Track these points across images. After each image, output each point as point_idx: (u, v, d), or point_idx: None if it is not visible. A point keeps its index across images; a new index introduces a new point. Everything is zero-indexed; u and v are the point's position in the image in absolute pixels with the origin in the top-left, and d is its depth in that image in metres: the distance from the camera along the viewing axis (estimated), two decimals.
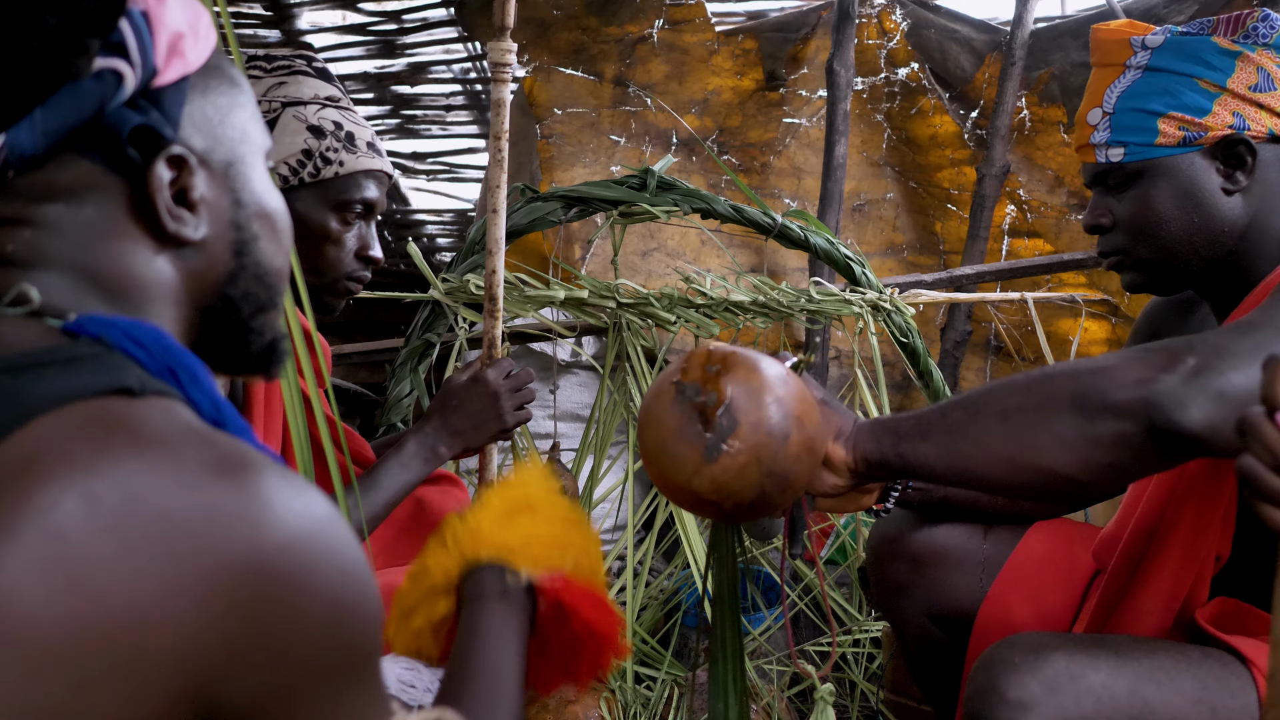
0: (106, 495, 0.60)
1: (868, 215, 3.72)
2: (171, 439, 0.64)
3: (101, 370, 0.67)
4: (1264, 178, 1.35)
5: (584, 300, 2.20)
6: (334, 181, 1.48)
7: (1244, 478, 0.83)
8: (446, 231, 5.69)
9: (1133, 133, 1.37)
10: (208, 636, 0.61)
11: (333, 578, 0.65)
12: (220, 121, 0.81)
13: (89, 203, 0.75)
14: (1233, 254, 1.36)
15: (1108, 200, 1.42)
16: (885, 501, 1.56)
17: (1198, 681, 1.15)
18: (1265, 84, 1.34)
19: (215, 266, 0.81)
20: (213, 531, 0.61)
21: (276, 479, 0.65)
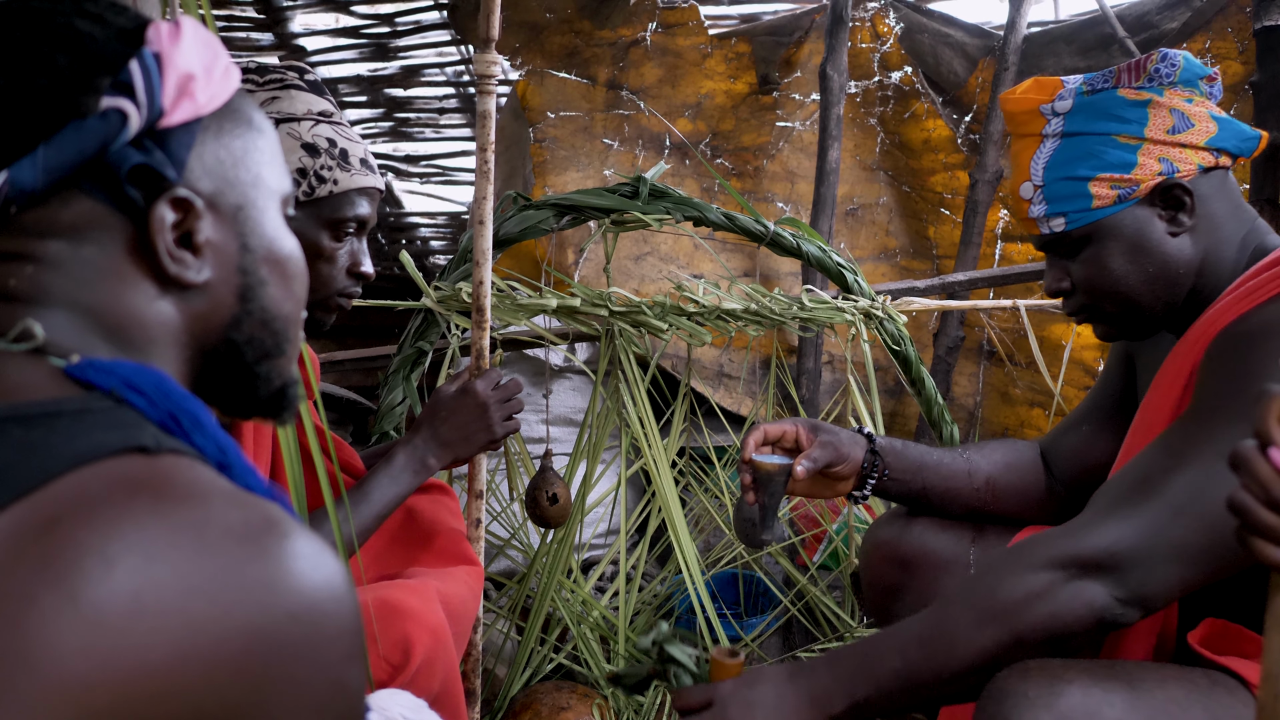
0: (126, 559, 0.60)
1: (861, 219, 3.72)
2: (195, 501, 0.64)
3: (115, 427, 0.67)
4: (1206, 211, 1.36)
5: (576, 308, 2.20)
6: (328, 200, 1.47)
7: (1236, 512, 0.83)
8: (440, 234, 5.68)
9: (1067, 201, 1.37)
10: (209, 701, 0.60)
11: (335, 656, 0.65)
12: (233, 165, 0.81)
13: (91, 241, 0.75)
14: (1194, 290, 1.38)
15: (1063, 264, 1.43)
16: (861, 489, 1.59)
17: (1209, 714, 1.13)
18: (1182, 124, 1.35)
19: (219, 310, 0.81)
20: (230, 598, 0.61)
21: (298, 545, 0.65)
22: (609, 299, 2.22)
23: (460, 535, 1.73)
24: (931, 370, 3.51)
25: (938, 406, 2.51)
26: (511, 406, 1.70)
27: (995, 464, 1.65)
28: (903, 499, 1.67)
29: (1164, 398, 1.35)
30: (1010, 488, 1.64)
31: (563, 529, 2.37)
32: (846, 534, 2.71)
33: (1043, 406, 3.48)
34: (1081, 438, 1.61)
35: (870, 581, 1.70)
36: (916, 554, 1.64)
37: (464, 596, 1.60)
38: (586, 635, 2.43)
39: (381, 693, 1.08)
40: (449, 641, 1.46)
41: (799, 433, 1.59)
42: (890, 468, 1.62)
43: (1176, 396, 1.33)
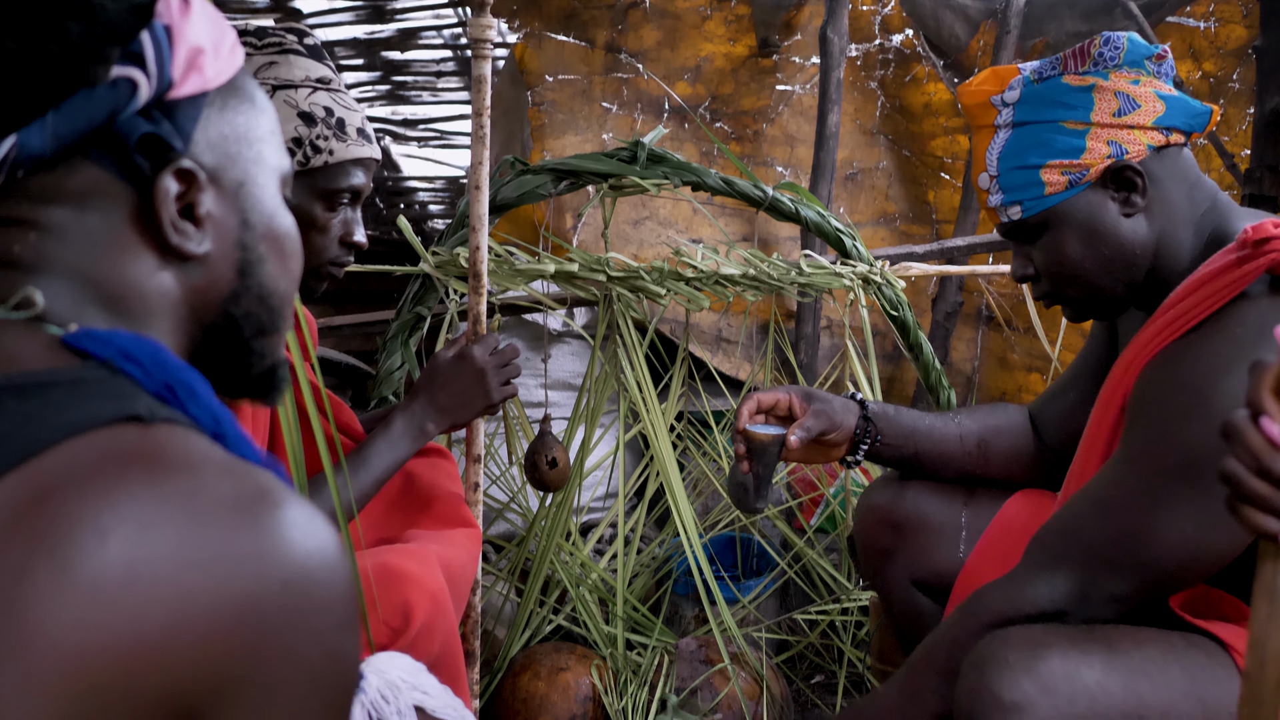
0: (120, 530, 0.60)
1: (860, 184, 3.71)
2: (188, 471, 0.64)
3: (109, 397, 0.67)
4: (1159, 191, 1.37)
5: (574, 274, 2.20)
6: (323, 170, 1.47)
7: (1227, 481, 0.84)
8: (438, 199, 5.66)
9: (1021, 190, 1.39)
10: (203, 671, 0.61)
11: (329, 624, 0.66)
12: (236, 141, 0.82)
13: (95, 209, 0.75)
14: (1153, 269, 1.39)
15: (1026, 250, 1.45)
16: (854, 454, 1.62)
17: (1186, 674, 1.16)
18: (1127, 105, 1.35)
19: (217, 284, 0.81)
20: (222, 567, 0.62)
21: (291, 514, 0.65)
22: (607, 264, 2.22)
23: (458, 499, 1.74)
24: (930, 335, 3.51)
25: (935, 372, 2.52)
26: (509, 372, 1.70)
27: (986, 428, 1.67)
28: (895, 464, 1.69)
29: (1101, 418, 1.40)
30: (1001, 452, 1.66)
31: (561, 493, 2.38)
32: (843, 497, 2.72)
33: (1040, 372, 3.49)
34: (1068, 403, 1.63)
35: (864, 545, 1.73)
36: (909, 518, 1.67)
37: (462, 560, 1.62)
38: (585, 597, 2.45)
39: (380, 655, 1.09)
40: (448, 605, 1.47)
41: (792, 401, 1.61)
42: (883, 434, 1.64)
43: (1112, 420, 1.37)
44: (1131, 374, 1.32)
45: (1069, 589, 1.25)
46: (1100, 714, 1.12)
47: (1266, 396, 0.81)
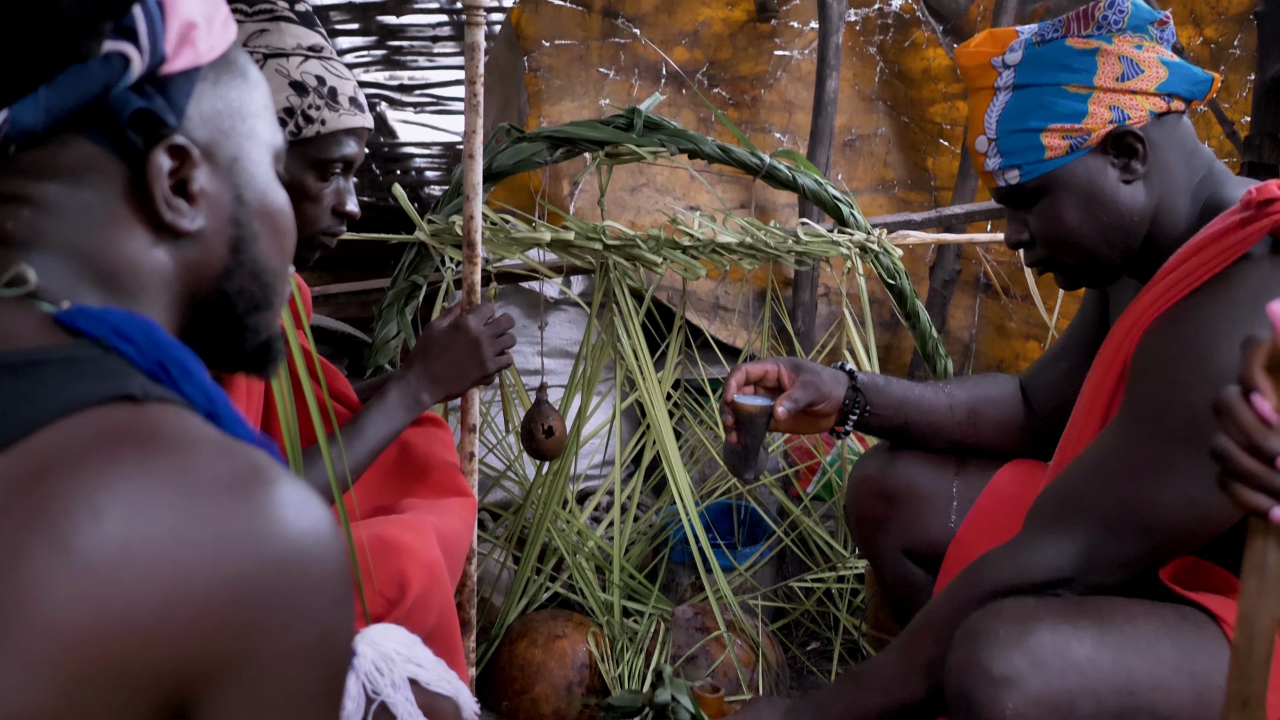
0: (114, 508, 0.60)
1: (859, 151, 3.69)
2: (181, 450, 0.65)
3: (102, 376, 0.67)
4: (1159, 159, 1.36)
5: (570, 242, 2.20)
6: (315, 141, 1.46)
7: (1218, 458, 0.84)
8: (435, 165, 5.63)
9: (1021, 154, 1.37)
10: (198, 649, 0.62)
11: (323, 602, 0.66)
12: (229, 116, 0.81)
13: (88, 185, 0.75)
14: (1148, 236, 1.38)
15: (1021, 216, 1.44)
16: (843, 425, 1.63)
17: (1177, 648, 1.17)
18: (1131, 70, 1.34)
19: (211, 260, 0.81)
20: (217, 546, 0.62)
21: (284, 492, 0.65)
22: (603, 232, 2.21)
23: (454, 468, 1.75)
24: (927, 303, 3.51)
25: (932, 341, 2.51)
26: (504, 341, 1.70)
27: (976, 398, 1.67)
28: (885, 434, 1.69)
29: (1100, 381, 1.38)
30: (991, 421, 1.67)
31: (558, 461, 2.38)
32: (840, 465, 2.73)
33: (1038, 339, 3.49)
34: (1059, 373, 1.63)
35: (856, 516, 1.73)
36: (900, 488, 1.67)
37: (458, 529, 1.62)
38: (582, 565, 2.46)
39: (375, 628, 1.09)
40: (444, 576, 1.47)
41: (781, 372, 1.60)
42: (872, 404, 1.64)
43: (1112, 384, 1.36)
44: (1132, 337, 1.31)
45: (1074, 555, 1.24)
46: (1090, 688, 1.13)
47: (1258, 373, 0.81)
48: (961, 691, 1.16)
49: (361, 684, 1.05)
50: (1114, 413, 1.32)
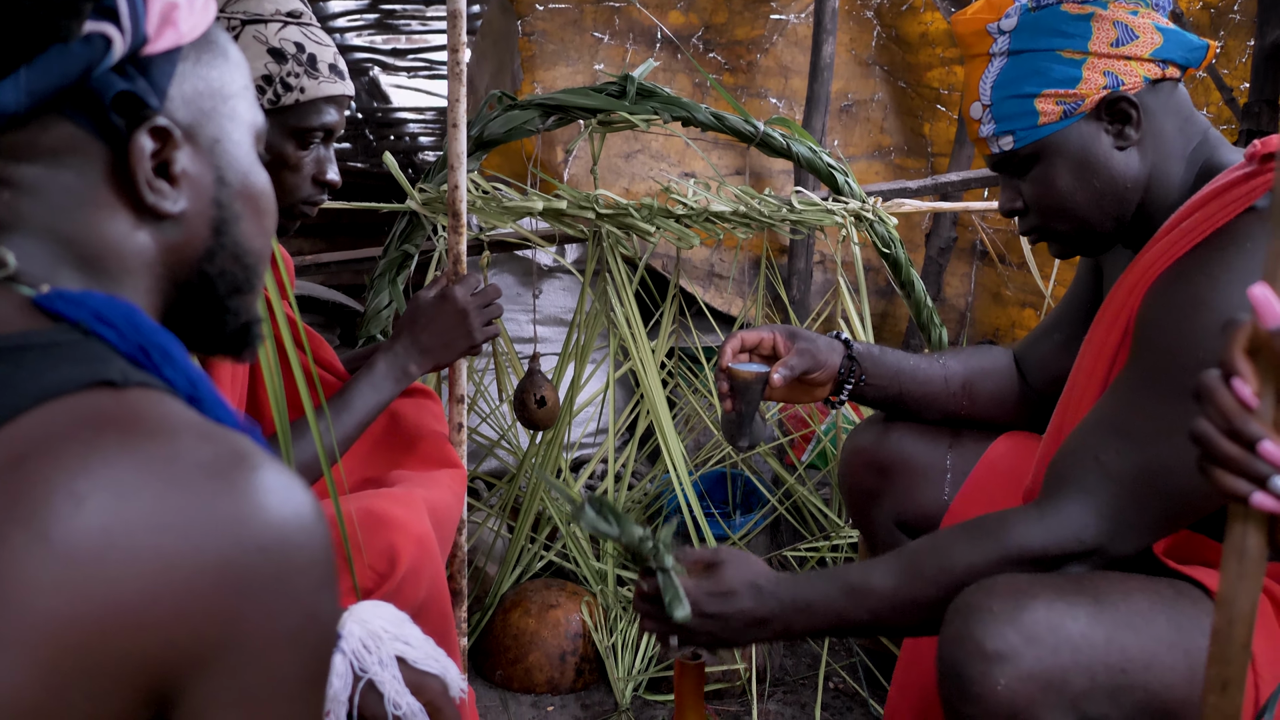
0: (95, 496, 0.60)
1: (855, 116, 3.66)
2: (163, 436, 0.64)
3: (82, 361, 0.66)
4: (1154, 124, 1.35)
5: (563, 211, 2.18)
6: (294, 109, 1.44)
7: (1198, 442, 0.83)
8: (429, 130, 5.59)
9: (1015, 119, 1.36)
10: (181, 636, 0.61)
11: (307, 587, 0.66)
12: (210, 96, 0.81)
13: (70, 167, 0.74)
14: (1142, 205, 1.37)
15: (1015, 183, 1.42)
16: (838, 394, 1.62)
17: (1172, 624, 1.16)
18: (1125, 36, 1.33)
19: (193, 242, 0.81)
20: (201, 531, 0.62)
21: (267, 478, 0.65)
22: (596, 201, 2.19)
23: (443, 438, 1.74)
24: (923, 271, 3.49)
25: (927, 310, 2.50)
26: (491, 311, 1.69)
27: (971, 369, 1.66)
28: (880, 404, 1.68)
29: (1104, 341, 1.36)
30: (986, 393, 1.66)
31: (552, 430, 2.38)
32: (835, 434, 2.72)
33: (1034, 307, 3.47)
34: (1053, 345, 1.62)
35: (849, 487, 1.73)
36: (894, 459, 1.67)
37: (448, 501, 1.62)
38: (576, 534, 2.46)
39: (364, 604, 1.09)
40: (435, 550, 1.47)
41: (776, 340, 1.60)
42: (867, 374, 1.63)
43: (1115, 343, 1.34)
44: (1136, 297, 1.30)
45: (1095, 521, 1.22)
46: (1083, 664, 1.12)
47: (1239, 356, 0.80)
48: (953, 667, 1.15)
49: (349, 661, 1.05)
50: (1116, 373, 1.31)
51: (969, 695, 1.14)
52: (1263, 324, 0.78)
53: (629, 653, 2.18)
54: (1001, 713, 1.12)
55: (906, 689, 1.59)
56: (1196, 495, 1.21)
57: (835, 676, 2.24)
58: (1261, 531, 0.81)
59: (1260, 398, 0.80)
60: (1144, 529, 1.23)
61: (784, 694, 2.20)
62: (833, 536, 2.56)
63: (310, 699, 0.68)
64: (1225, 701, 0.82)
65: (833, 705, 2.15)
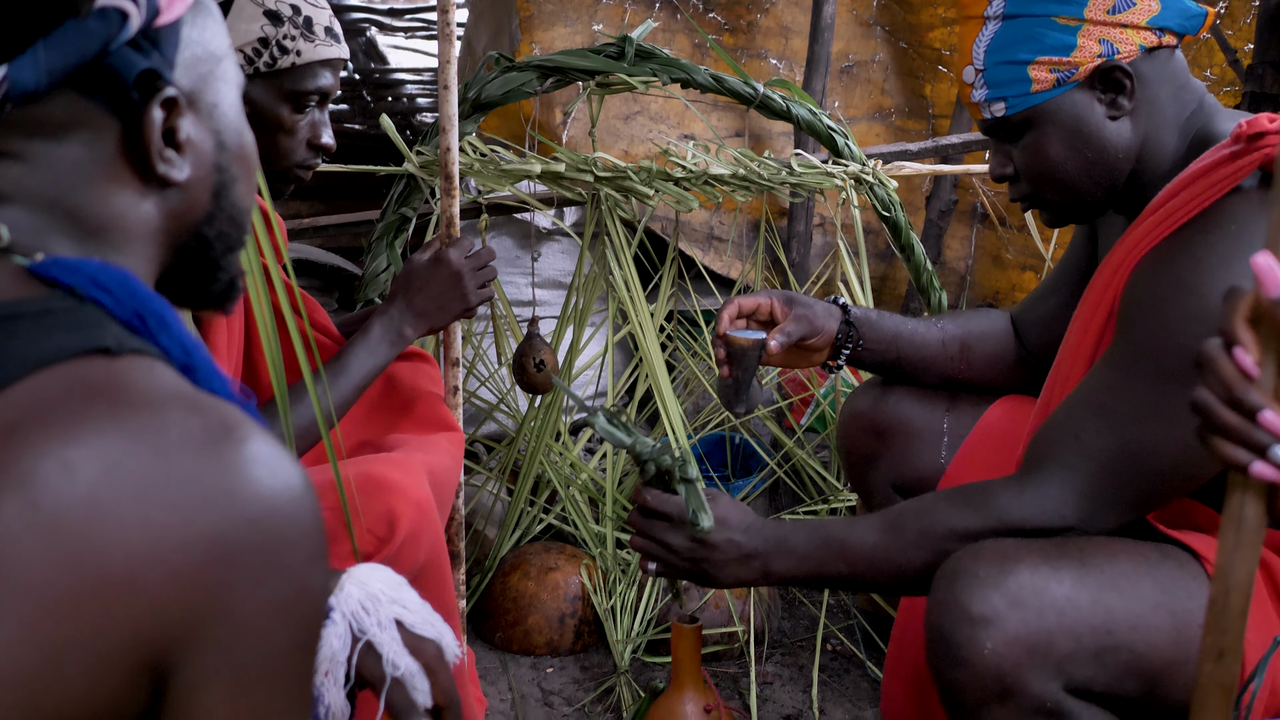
0: (85, 465, 0.60)
1: (856, 78, 3.63)
2: (153, 406, 0.64)
3: (76, 328, 0.66)
4: (1147, 95, 1.33)
5: (561, 174, 2.17)
6: (290, 72, 1.43)
7: (1198, 411, 0.83)
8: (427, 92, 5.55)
9: (1007, 85, 1.35)
10: (174, 608, 0.61)
11: (297, 559, 0.66)
12: (206, 60, 0.80)
13: (78, 141, 0.74)
14: (1133, 173, 1.36)
15: (1006, 149, 1.41)
16: (836, 359, 1.62)
17: (1158, 586, 1.17)
18: (1123, 3, 1.31)
19: (195, 208, 0.81)
20: (190, 503, 0.62)
21: (257, 449, 0.65)
22: (594, 164, 2.18)
23: (439, 400, 1.75)
24: (923, 234, 3.48)
25: (926, 273, 2.50)
26: (485, 274, 1.69)
27: (968, 332, 1.66)
28: (877, 368, 1.68)
29: (1089, 319, 1.36)
30: (983, 355, 1.66)
31: (550, 394, 2.38)
32: (833, 398, 2.73)
33: (1034, 270, 3.47)
34: (1049, 309, 1.62)
35: (847, 451, 1.73)
36: (891, 423, 1.67)
37: (446, 465, 1.62)
38: (575, 497, 2.47)
39: (362, 567, 1.09)
40: (433, 514, 1.48)
41: (773, 306, 1.59)
42: (864, 338, 1.63)
43: (1101, 322, 1.34)
44: (1121, 275, 1.30)
45: (1079, 504, 1.24)
46: (1068, 627, 1.13)
47: (1240, 325, 0.79)
48: (940, 631, 1.16)
49: (348, 622, 1.06)
50: (1102, 352, 1.31)
51: (956, 659, 1.14)
52: (1265, 293, 0.78)
53: (627, 615, 2.20)
54: (988, 676, 1.13)
55: (903, 651, 1.60)
56: (1175, 476, 1.22)
57: (833, 639, 2.25)
58: (1260, 501, 0.81)
59: (1261, 367, 0.79)
60: (1121, 508, 1.24)
61: (782, 656, 2.22)
62: (831, 500, 2.57)
63: (301, 669, 0.69)
64: (1221, 670, 0.83)
65: (830, 667, 2.17)
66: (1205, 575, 1.18)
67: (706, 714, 1.51)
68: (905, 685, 1.58)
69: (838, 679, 2.13)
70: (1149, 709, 1.18)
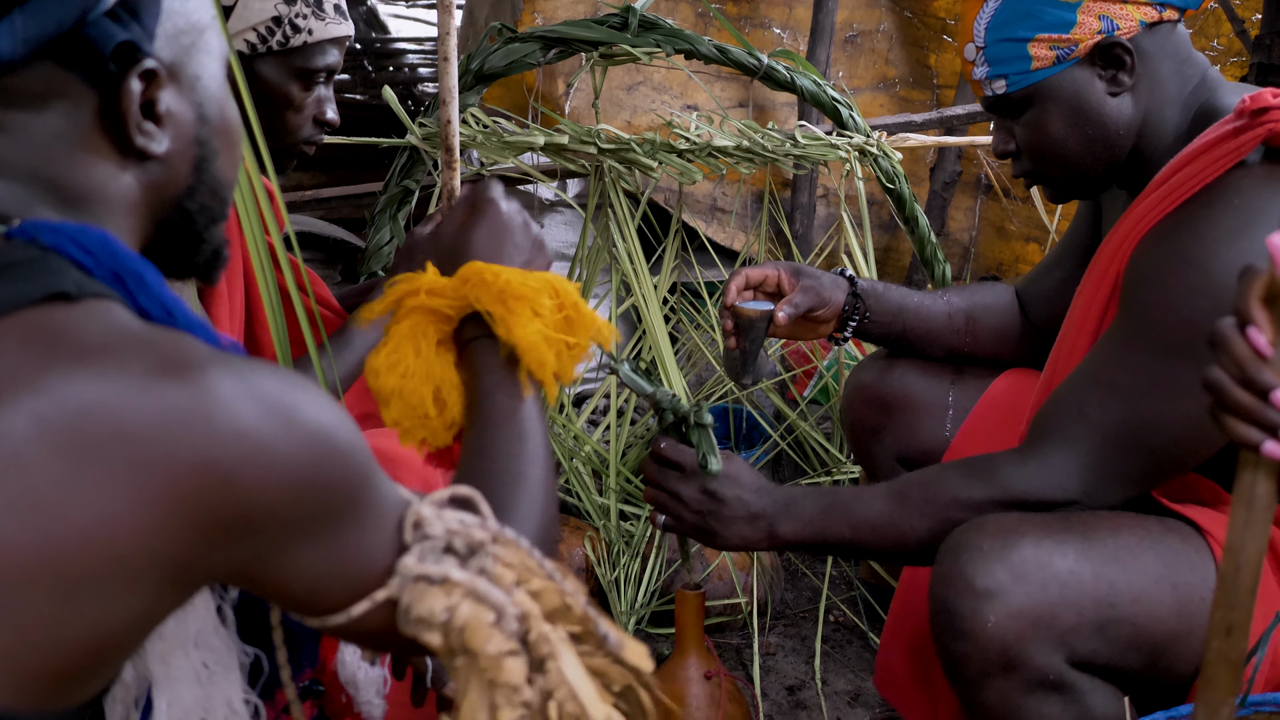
0: (56, 414, 0.60)
1: (860, 47, 3.61)
2: (112, 346, 0.63)
3: (36, 276, 0.66)
4: (1148, 70, 1.33)
5: (564, 146, 2.16)
6: (301, 50, 1.44)
7: (1211, 390, 0.83)
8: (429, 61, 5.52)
9: (1008, 63, 1.34)
10: (181, 532, 0.62)
11: (294, 445, 0.66)
12: (188, 31, 0.79)
13: (56, 111, 0.74)
14: (1135, 149, 1.36)
15: (1008, 125, 1.41)
16: (842, 331, 1.62)
17: (1160, 559, 1.17)
18: None
19: (175, 181, 0.80)
20: (168, 436, 0.61)
21: (220, 370, 0.64)
22: (598, 136, 2.17)
23: None
24: (927, 205, 3.47)
25: (930, 245, 2.49)
26: None
27: (974, 305, 1.66)
28: (883, 341, 1.68)
29: (1093, 295, 1.36)
30: (989, 329, 1.66)
31: None
32: (837, 370, 2.73)
33: (1038, 242, 3.46)
34: (1053, 283, 1.62)
35: (851, 424, 1.73)
36: (896, 396, 1.67)
37: None
38: (579, 469, 2.48)
39: None
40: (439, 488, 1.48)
41: (780, 277, 1.59)
42: (871, 311, 1.63)
43: (1105, 297, 1.34)
44: (1125, 250, 1.30)
45: (1083, 478, 1.24)
46: (1071, 600, 1.14)
47: (1254, 305, 0.79)
48: (944, 604, 1.17)
49: None
50: (1106, 327, 1.31)
51: (960, 632, 1.15)
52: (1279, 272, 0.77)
53: (631, 587, 2.21)
54: (992, 649, 1.14)
55: (902, 622, 1.61)
56: (1178, 449, 1.23)
57: (835, 610, 2.26)
58: (1271, 480, 0.82)
59: (1275, 347, 0.79)
60: (1125, 481, 1.24)
61: (785, 627, 2.23)
62: (834, 472, 2.57)
63: (352, 520, 0.71)
64: (1230, 646, 0.83)
65: (833, 638, 2.18)
66: (1208, 548, 1.19)
67: (707, 680, 1.52)
68: (904, 656, 1.59)
69: (840, 650, 2.14)
70: (1151, 682, 1.18)
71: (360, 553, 0.72)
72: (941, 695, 1.50)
